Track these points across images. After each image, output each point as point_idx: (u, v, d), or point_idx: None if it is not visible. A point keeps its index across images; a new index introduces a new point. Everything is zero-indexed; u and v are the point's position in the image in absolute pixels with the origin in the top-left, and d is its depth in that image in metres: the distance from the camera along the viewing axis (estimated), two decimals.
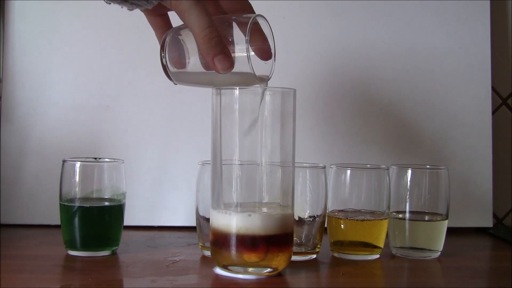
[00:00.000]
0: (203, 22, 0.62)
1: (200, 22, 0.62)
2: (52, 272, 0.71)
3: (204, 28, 0.62)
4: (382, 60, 1.00)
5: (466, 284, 0.71)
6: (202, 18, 0.62)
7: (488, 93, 1.02)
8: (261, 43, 0.68)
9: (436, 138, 1.00)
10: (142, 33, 0.98)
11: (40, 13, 0.98)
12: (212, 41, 0.62)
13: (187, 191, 0.94)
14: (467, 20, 1.02)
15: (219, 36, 0.62)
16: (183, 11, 0.63)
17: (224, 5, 0.69)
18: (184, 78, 0.71)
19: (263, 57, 0.68)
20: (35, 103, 0.97)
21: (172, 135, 0.98)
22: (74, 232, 0.77)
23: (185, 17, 0.63)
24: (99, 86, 0.98)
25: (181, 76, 0.71)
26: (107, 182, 0.79)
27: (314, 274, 0.74)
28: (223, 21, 0.67)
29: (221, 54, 0.63)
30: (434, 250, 0.81)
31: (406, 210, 0.82)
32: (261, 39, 0.68)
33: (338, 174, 0.80)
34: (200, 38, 0.62)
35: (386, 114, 1.00)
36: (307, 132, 0.97)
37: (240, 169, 0.68)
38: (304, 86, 0.96)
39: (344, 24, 1.00)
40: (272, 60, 0.69)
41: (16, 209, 0.96)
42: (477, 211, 1.00)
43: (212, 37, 0.62)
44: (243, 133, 0.67)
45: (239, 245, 0.67)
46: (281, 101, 0.69)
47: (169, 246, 0.84)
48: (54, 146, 0.96)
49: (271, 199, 0.69)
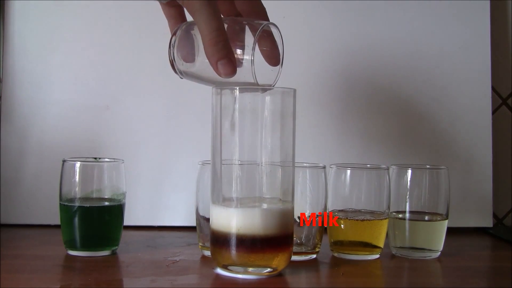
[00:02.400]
0: (212, 24, 0.61)
1: (209, 24, 0.61)
2: (52, 272, 0.71)
3: (212, 31, 0.61)
4: (382, 60, 1.00)
5: (466, 284, 0.71)
6: (211, 20, 0.61)
7: (488, 93, 1.02)
8: (271, 48, 0.68)
9: (436, 138, 1.00)
10: (142, 33, 0.99)
11: (40, 13, 0.98)
12: (218, 45, 0.62)
13: (187, 191, 0.94)
14: (467, 20, 1.02)
15: (226, 40, 0.62)
16: (193, 10, 0.62)
17: (239, 5, 0.69)
18: (191, 73, 0.70)
19: (271, 62, 0.69)
20: (35, 103, 0.97)
21: (172, 135, 0.98)
22: (74, 232, 0.77)
23: (195, 17, 0.63)
24: (99, 86, 0.98)
25: (189, 71, 0.70)
26: (107, 182, 0.79)
27: (314, 274, 0.74)
28: (235, 23, 0.67)
29: (225, 58, 0.62)
30: (434, 250, 0.81)
31: (406, 210, 0.82)
32: (271, 44, 0.68)
33: (338, 174, 0.80)
34: (207, 40, 0.62)
35: (386, 114, 1.00)
36: (307, 132, 0.97)
37: (240, 169, 0.68)
38: (304, 86, 0.96)
39: (344, 24, 1.00)
40: (279, 67, 0.69)
41: (16, 209, 0.96)
42: (477, 211, 1.00)
43: (218, 40, 0.62)
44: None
45: (239, 243, 0.67)
46: (281, 101, 0.69)
47: (169, 246, 0.84)
48: (54, 146, 0.96)
49: (271, 200, 0.69)
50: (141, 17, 0.99)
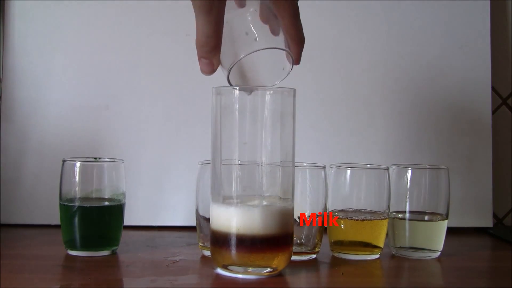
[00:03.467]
0: (205, 30, 0.63)
1: (203, 30, 0.63)
2: (52, 272, 0.71)
3: (203, 36, 0.63)
4: (382, 60, 1.00)
5: (466, 284, 0.71)
6: (205, 26, 0.63)
7: (488, 93, 1.02)
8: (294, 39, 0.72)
9: (436, 138, 1.00)
10: (142, 33, 0.99)
11: (40, 13, 0.98)
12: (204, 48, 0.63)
13: (187, 191, 0.94)
14: (467, 20, 1.02)
15: (214, 47, 0.63)
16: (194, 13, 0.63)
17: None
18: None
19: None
20: (35, 103, 0.97)
21: (172, 135, 0.98)
22: (74, 232, 0.77)
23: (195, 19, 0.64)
24: (99, 86, 0.98)
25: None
26: (107, 182, 0.79)
27: (314, 274, 0.74)
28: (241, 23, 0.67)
29: (207, 59, 0.64)
30: (434, 250, 0.81)
31: (406, 210, 0.82)
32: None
33: (338, 174, 0.80)
34: (197, 41, 0.64)
35: (386, 114, 1.00)
36: (307, 132, 0.97)
37: (240, 169, 0.68)
38: (304, 86, 0.96)
39: (344, 24, 1.00)
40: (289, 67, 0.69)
41: (16, 209, 0.96)
42: (477, 211, 1.00)
43: (207, 45, 0.63)
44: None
45: (239, 243, 0.67)
46: (281, 101, 0.69)
47: (169, 246, 0.84)
48: (54, 146, 0.96)
49: (271, 198, 0.69)
50: (141, 17, 0.99)
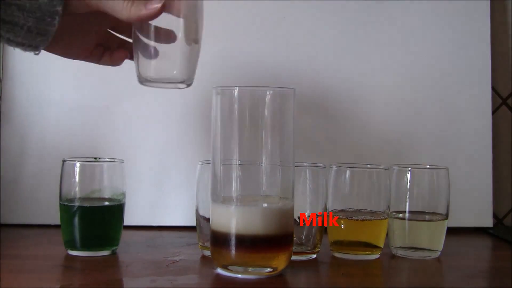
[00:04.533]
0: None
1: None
2: (52, 272, 0.71)
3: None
4: (382, 60, 1.00)
5: (466, 284, 0.71)
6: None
7: (488, 93, 1.02)
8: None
9: (436, 138, 1.00)
10: None
11: None
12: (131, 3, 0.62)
13: (187, 191, 0.94)
14: (467, 20, 1.02)
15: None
16: (97, 3, 0.62)
17: None
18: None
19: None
20: (35, 103, 0.97)
21: (172, 135, 0.98)
22: (74, 232, 0.77)
23: (104, 6, 0.63)
24: (99, 86, 0.98)
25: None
26: (107, 182, 0.79)
27: (314, 274, 0.74)
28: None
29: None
30: (434, 250, 0.81)
31: (406, 210, 0.81)
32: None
33: (338, 174, 0.80)
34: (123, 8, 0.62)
35: (386, 114, 1.00)
36: (307, 132, 0.97)
37: (240, 169, 0.68)
38: (304, 86, 0.96)
39: (344, 24, 1.00)
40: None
41: (16, 209, 0.96)
42: (477, 211, 1.00)
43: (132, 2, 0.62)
44: None
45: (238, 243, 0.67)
46: (281, 101, 0.69)
47: (169, 246, 0.84)
48: (54, 146, 0.96)
49: (271, 198, 0.69)
50: None
